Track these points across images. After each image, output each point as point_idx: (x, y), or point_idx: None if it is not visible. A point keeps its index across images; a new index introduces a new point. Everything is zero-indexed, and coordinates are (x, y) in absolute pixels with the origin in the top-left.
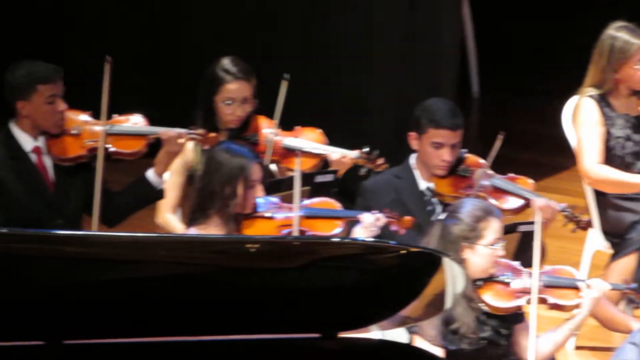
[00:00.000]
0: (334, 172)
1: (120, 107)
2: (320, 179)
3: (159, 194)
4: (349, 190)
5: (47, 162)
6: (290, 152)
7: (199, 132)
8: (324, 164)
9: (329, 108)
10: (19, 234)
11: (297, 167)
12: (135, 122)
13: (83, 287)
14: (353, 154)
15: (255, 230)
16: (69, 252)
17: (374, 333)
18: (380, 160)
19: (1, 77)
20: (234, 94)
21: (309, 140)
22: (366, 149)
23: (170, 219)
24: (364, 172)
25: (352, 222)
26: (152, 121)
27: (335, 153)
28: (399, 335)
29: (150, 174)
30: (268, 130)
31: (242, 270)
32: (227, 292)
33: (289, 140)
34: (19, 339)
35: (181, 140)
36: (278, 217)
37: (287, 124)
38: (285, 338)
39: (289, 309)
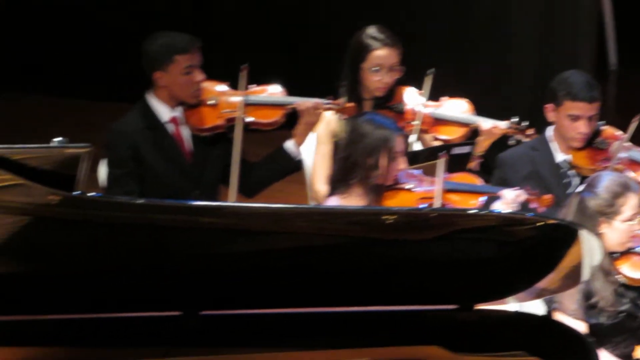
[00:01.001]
0: (472, 143)
1: (258, 77)
2: (457, 150)
3: (297, 165)
4: (487, 163)
5: (185, 132)
6: (438, 122)
7: (336, 102)
8: (472, 134)
9: (466, 82)
10: (156, 205)
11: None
12: (273, 92)
13: (219, 257)
14: (504, 124)
15: (395, 202)
16: (205, 223)
17: (511, 305)
18: (531, 131)
19: (139, 49)
20: (382, 60)
21: (458, 110)
22: (515, 119)
23: (324, 191)
24: (512, 142)
25: (492, 198)
26: (290, 92)
27: (486, 122)
28: (535, 308)
29: (289, 144)
30: (416, 99)
31: (379, 242)
32: (364, 263)
33: (439, 110)
34: (157, 309)
35: (318, 111)
36: (419, 189)
37: (431, 96)
38: (422, 309)
39: (426, 280)
